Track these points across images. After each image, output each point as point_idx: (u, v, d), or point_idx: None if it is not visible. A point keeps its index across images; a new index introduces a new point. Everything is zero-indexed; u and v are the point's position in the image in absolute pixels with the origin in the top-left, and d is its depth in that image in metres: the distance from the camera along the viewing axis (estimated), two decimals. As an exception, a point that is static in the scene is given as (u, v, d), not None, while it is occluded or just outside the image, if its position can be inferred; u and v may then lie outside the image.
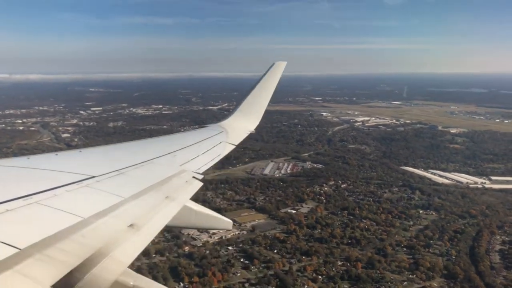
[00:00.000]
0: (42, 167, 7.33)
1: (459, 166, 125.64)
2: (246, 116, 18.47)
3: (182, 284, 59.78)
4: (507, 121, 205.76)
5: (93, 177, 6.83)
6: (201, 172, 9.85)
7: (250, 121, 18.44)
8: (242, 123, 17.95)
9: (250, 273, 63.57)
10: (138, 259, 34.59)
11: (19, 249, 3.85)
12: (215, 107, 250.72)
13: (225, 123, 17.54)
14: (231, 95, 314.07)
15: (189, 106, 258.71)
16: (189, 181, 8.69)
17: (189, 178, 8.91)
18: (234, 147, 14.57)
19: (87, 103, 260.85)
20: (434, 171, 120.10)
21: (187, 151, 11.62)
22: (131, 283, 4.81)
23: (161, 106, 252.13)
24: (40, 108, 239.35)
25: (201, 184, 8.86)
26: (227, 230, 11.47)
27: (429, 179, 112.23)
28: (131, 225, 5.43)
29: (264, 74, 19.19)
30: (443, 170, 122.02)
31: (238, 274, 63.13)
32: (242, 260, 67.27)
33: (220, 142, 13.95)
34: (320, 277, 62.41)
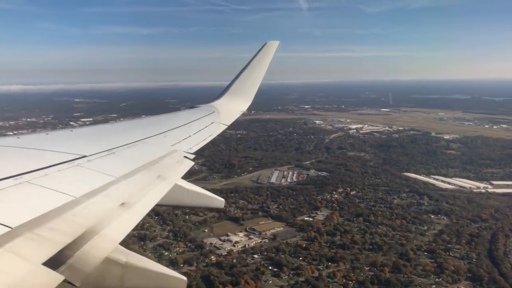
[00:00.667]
0: (32, 146, 7.33)
1: (459, 172, 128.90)
2: (238, 96, 18.49)
3: (217, 293, 60.68)
4: (496, 127, 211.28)
5: (85, 156, 6.83)
6: (192, 152, 9.90)
7: (242, 101, 18.46)
8: (234, 104, 17.97)
9: (281, 280, 64.83)
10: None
11: (11, 228, 3.91)
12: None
13: (217, 103, 17.65)
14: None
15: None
16: (180, 161, 8.70)
17: (181, 158, 8.93)
18: (226, 127, 14.67)
19: (76, 114, 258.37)
20: (436, 177, 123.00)
21: (178, 131, 11.68)
22: (124, 260, 4.94)
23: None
24: (28, 119, 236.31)
25: (192, 163, 8.91)
26: (219, 209, 11.27)
27: (433, 185, 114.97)
28: (122, 204, 5.47)
29: (256, 54, 19.21)
30: (444, 175, 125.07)
31: (270, 282, 64.34)
32: (270, 267, 68.42)
33: (212, 123, 13.98)
34: (350, 282, 64.01)
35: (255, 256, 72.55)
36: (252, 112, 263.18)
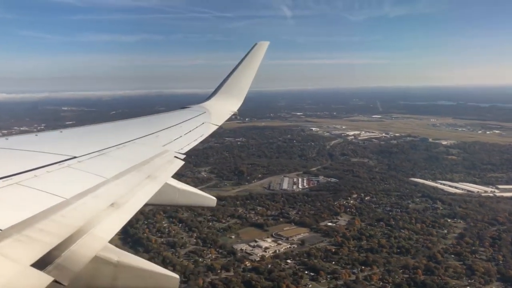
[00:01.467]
0: (22, 147, 7.32)
1: (464, 176, 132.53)
2: (228, 96, 18.55)
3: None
4: (488, 133, 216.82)
5: (75, 157, 6.87)
6: (184, 152, 9.99)
7: (233, 101, 18.54)
8: (225, 104, 18.07)
9: (320, 284, 66.60)
10: (206, 275, 38.78)
11: (0, 230, 3.93)
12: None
13: (208, 104, 17.71)
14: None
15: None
16: (171, 161, 8.81)
17: (171, 158, 9.04)
18: (217, 127, 14.82)
19: (68, 123, 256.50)
20: (443, 182, 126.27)
21: (169, 131, 11.76)
22: (115, 259, 4.96)
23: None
24: (21, 128, 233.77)
25: (182, 163, 9.05)
26: (211, 206, 8.93)
27: (441, 190, 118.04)
28: (112, 204, 5.49)
29: (247, 55, 19.25)
30: (450, 180, 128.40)
31: (310, 286, 66.05)
32: (306, 272, 70.02)
33: (203, 123, 14.17)
34: (387, 285, 66.05)
35: (288, 261, 74.14)
36: (246, 119, 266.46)
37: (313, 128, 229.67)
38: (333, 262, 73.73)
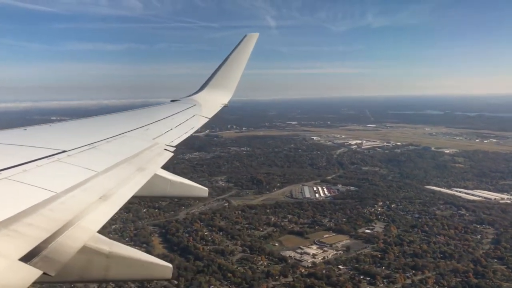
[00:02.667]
0: (10, 142, 7.29)
1: (477, 184, 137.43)
2: (219, 89, 18.75)
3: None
4: (486, 141, 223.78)
5: (64, 151, 6.89)
6: (174, 145, 10.13)
7: (223, 94, 18.72)
8: (215, 96, 18.27)
9: (380, 288, 69.41)
10: (266, 281, 42.47)
11: None
12: (200, 133, 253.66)
13: (198, 96, 17.95)
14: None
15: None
16: (161, 154, 8.96)
17: (162, 151, 9.19)
18: (207, 120, 15.01)
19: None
20: (458, 189, 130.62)
21: (160, 124, 11.85)
22: (107, 250, 4.99)
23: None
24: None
25: (171, 154, 9.25)
26: (203, 198, 9.37)
27: (459, 197, 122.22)
28: (101, 197, 5.53)
29: (236, 47, 19.40)
30: (465, 188, 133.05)
31: (369, 290, 68.75)
32: (361, 277, 72.76)
33: (193, 116, 14.27)
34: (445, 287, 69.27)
35: (340, 267, 76.74)
36: (244, 129, 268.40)
37: (314, 138, 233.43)
38: (383, 267, 76.56)
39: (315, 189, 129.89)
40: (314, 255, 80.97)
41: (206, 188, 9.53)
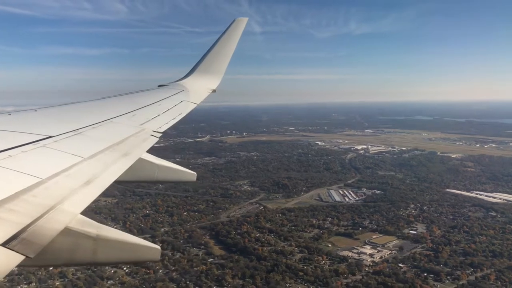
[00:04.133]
0: None
1: (494, 187, 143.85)
2: (207, 74, 18.53)
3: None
4: (486, 146, 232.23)
5: (50, 137, 6.91)
6: (162, 131, 10.15)
7: (212, 79, 18.49)
8: (203, 82, 18.10)
9: (446, 284, 74.01)
10: (337, 279, 52.65)
11: None
12: (203, 139, 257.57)
13: (186, 81, 17.81)
14: (198, 127, 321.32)
15: (173, 138, 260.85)
16: (147, 140, 8.98)
17: (148, 137, 9.21)
18: (195, 106, 14.89)
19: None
20: (478, 192, 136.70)
21: (147, 110, 11.82)
22: (94, 233, 5.09)
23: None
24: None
25: (156, 139, 9.29)
26: (192, 181, 10.05)
27: (481, 199, 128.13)
28: (85, 183, 5.59)
29: (225, 31, 19.21)
30: (483, 191, 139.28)
31: (439, 286, 73.24)
32: (425, 274, 77.27)
33: (181, 101, 14.20)
34: (507, 283, 74.18)
35: (400, 265, 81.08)
36: (244, 134, 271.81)
37: (318, 143, 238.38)
38: (441, 265, 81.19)
39: (341, 192, 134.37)
40: (371, 255, 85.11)
41: (194, 173, 9.67)
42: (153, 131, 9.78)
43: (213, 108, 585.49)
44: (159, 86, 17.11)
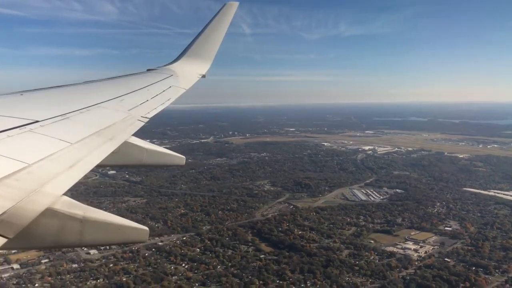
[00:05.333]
0: None
1: (509, 186, 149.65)
2: (196, 59, 18.32)
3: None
4: (489, 146, 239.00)
5: (37, 121, 6.89)
6: (150, 116, 10.20)
7: (201, 64, 18.28)
8: (193, 67, 17.87)
9: (496, 277, 78.47)
10: (392, 272, 76.89)
11: None
12: (207, 140, 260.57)
13: (175, 66, 17.54)
14: (198, 128, 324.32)
15: (178, 139, 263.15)
16: (134, 124, 9.09)
17: (136, 122, 9.32)
18: (184, 91, 14.75)
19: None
20: (496, 191, 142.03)
21: (135, 95, 11.69)
22: (81, 214, 5.10)
23: (153, 141, 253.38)
24: None
25: (142, 123, 9.41)
26: (180, 165, 9.67)
27: (500, 198, 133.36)
28: (70, 167, 5.64)
29: (215, 16, 18.98)
30: (500, 189, 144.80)
31: (490, 278, 77.68)
32: (473, 268, 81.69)
33: (170, 87, 14.10)
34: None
35: (447, 259, 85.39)
36: (247, 135, 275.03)
37: (324, 144, 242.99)
38: (486, 259, 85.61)
39: (364, 191, 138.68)
40: (415, 250, 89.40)
41: (183, 157, 9.69)
42: (141, 116, 9.84)
43: (205, 109, 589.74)
44: (148, 70, 17.05)
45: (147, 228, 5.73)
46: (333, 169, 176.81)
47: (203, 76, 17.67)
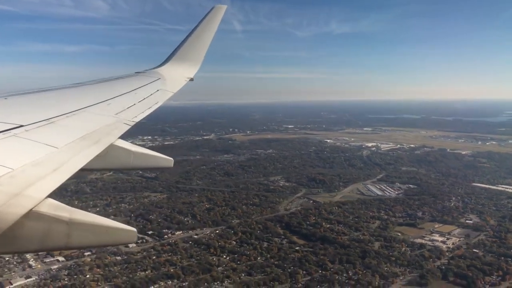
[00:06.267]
0: None
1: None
2: (184, 62, 18.32)
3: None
4: (488, 143, 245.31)
5: (22, 126, 6.84)
6: (137, 121, 10.21)
7: (189, 67, 18.28)
8: (181, 70, 17.87)
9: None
10: (426, 263, 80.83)
11: None
12: (209, 137, 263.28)
13: (163, 69, 17.59)
14: (196, 125, 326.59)
15: (180, 136, 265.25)
16: (120, 128, 9.03)
17: (123, 126, 9.25)
18: (172, 94, 14.73)
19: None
20: (504, 186, 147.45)
21: (122, 99, 11.74)
22: (67, 217, 5.04)
23: (149, 137, 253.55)
24: None
25: (128, 126, 9.40)
26: (168, 167, 9.17)
27: (510, 192, 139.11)
28: (53, 170, 5.61)
29: (203, 18, 19.04)
30: (508, 184, 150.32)
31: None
32: (502, 258, 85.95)
33: (157, 90, 14.07)
34: None
35: (475, 250, 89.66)
36: (248, 132, 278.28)
37: (327, 140, 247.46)
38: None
39: (378, 187, 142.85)
40: (443, 242, 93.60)
41: (171, 159, 9.54)
42: (128, 120, 9.80)
43: (198, 106, 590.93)
44: (136, 73, 17.06)
45: (135, 229, 5.71)
46: (341, 165, 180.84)
47: (191, 79, 17.72)
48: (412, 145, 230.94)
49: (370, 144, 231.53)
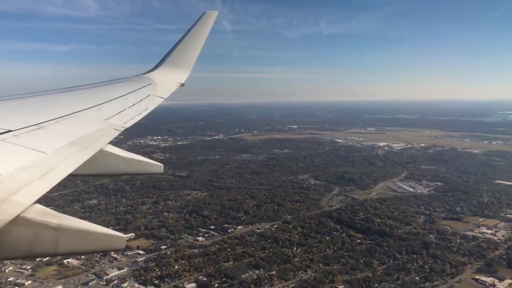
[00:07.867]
0: None
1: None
2: (175, 67, 18.60)
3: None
4: (494, 143, 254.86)
5: (10, 131, 6.86)
6: (127, 126, 10.30)
7: (180, 73, 18.53)
8: (171, 75, 18.16)
9: None
10: (484, 254, 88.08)
11: None
12: (219, 136, 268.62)
13: (153, 74, 17.85)
14: (198, 125, 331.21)
15: (190, 136, 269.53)
16: (110, 134, 9.15)
17: (113, 132, 9.38)
18: (162, 100, 15.08)
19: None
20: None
21: (112, 104, 11.89)
22: (56, 223, 5.08)
23: (159, 137, 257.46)
24: None
25: (118, 132, 9.53)
26: (158, 173, 10.08)
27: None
28: (41, 176, 5.65)
29: (194, 24, 19.33)
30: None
31: None
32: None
33: (148, 96, 14.36)
34: None
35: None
36: (255, 132, 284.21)
37: (338, 140, 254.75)
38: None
39: (407, 184, 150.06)
40: (493, 234, 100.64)
41: (161, 165, 9.76)
42: (119, 126, 9.92)
43: (191, 106, 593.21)
44: (126, 78, 17.28)
45: (124, 235, 5.77)
46: (362, 164, 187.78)
47: (182, 84, 17.96)
48: (422, 145, 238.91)
49: (381, 144, 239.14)
